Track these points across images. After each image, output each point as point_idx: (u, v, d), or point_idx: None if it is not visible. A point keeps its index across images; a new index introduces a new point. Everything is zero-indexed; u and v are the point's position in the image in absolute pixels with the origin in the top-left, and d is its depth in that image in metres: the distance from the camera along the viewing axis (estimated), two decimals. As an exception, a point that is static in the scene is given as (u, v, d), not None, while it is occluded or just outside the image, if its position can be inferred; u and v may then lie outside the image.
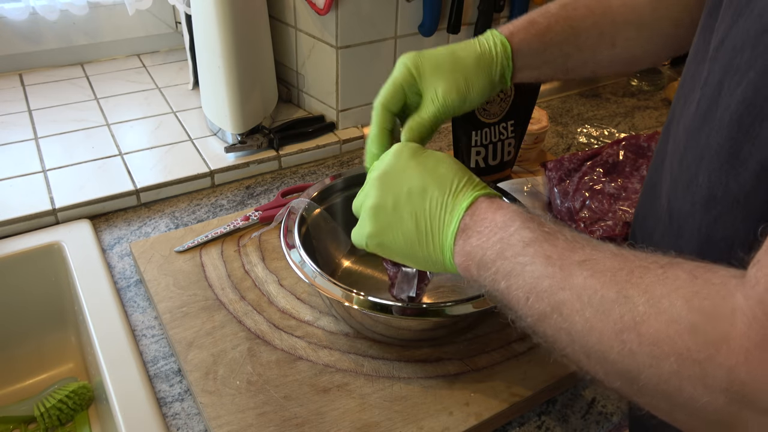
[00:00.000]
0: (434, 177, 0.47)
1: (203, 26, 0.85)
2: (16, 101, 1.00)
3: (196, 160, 0.88)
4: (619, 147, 0.84)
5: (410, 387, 0.58)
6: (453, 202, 0.45)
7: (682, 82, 0.45)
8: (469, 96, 0.54)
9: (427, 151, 0.50)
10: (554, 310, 0.37)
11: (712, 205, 0.38)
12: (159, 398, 0.58)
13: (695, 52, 0.44)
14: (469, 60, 0.54)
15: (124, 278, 0.71)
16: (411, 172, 0.48)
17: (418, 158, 0.48)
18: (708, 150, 0.37)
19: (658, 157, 0.48)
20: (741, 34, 0.35)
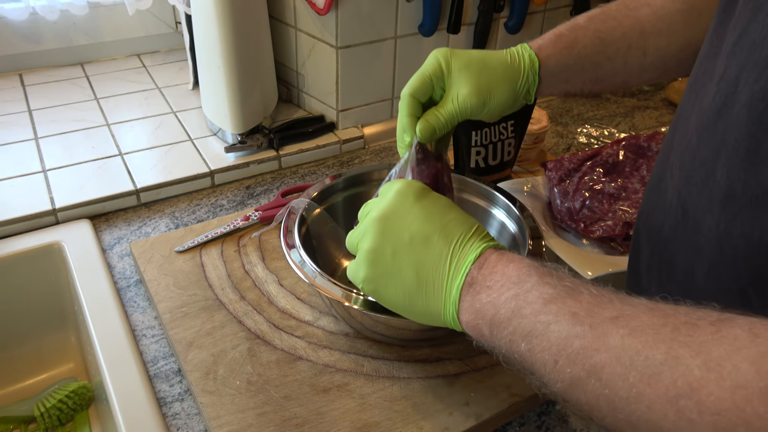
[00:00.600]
0: (440, 225, 0.44)
1: (203, 26, 0.85)
2: (16, 101, 1.00)
3: (196, 160, 0.88)
4: (619, 147, 0.84)
5: (410, 387, 0.58)
6: (460, 253, 0.43)
7: (693, 79, 0.45)
8: (489, 103, 0.55)
9: (432, 194, 0.47)
10: (591, 375, 0.33)
11: (731, 201, 0.37)
12: (159, 398, 0.58)
13: (708, 49, 0.43)
14: (497, 68, 0.55)
15: (124, 278, 0.71)
16: (414, 218, 0.45)
17: (423, 202, 0.46)
18: (725, 146, 0.37)
19: (664, 153, 0.48)
20: (760, 29, 0.34)
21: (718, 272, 0.39)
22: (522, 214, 0.66)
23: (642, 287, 0.50)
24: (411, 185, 0.47)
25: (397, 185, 0.47)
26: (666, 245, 0.45)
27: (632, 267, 0.53)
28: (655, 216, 0.48)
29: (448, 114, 0.55)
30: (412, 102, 0.55)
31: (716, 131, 0.38)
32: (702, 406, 0.28)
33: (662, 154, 0.48)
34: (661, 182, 0.47)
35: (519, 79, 0.56)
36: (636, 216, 0.75)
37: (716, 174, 0.38)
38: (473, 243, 0.43)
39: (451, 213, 0.46)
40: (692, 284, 0.42)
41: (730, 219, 0.37)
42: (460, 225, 0.44)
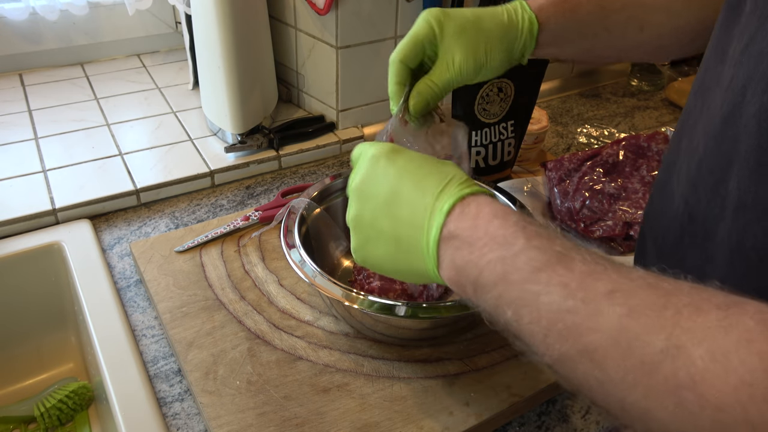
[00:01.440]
0: (413, 179, 0.42)
1: (203, 26, 0.85)
2: (16, 101, 1.00)
3: (196, 160, 0.88)
4: (619, 147, 0.84)
5: (410, 387, 0.58)
6: (434, 204, 0.40)
7: (699, 83, 0.44)
8: (486, 67, 0.52)
9: (406, 152, 0.44)
10: (582, 355, 0.31)
11: (742, 212, 0.36)
12: (159, 398, 0.58)
13: (713, 53, 0.43)
14: (494, 30, 0.52)
15: (124, 278, 0.71)
16: (386, 178, 0.43)
17: (396, 161, 0.43)
18: (737, 156, 0.36)
19: (671, 156, 0.47)
20: (766, 38, 0.34)
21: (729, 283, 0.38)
22: (522, 214, 0.66)
23: None
24: (381, 147, 0.45)
25: (368, 150, 0.45)
26: (673, 251, 0.45)
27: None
28: (661, 220, 0.47)
29: (443, 82, 0.52)
30: (402, 69, 0.52)
31: (725, 140, 0.37)
32: (703, 399, 0.26)
33: (668, 157, 0.48)
34: (666, 186, 0.46)
35: (516, 42, 0.53)
36: (638, 217, 0.75)
37: (728, 183, 0.37)
38: (449, 191, 0.40)
39: (427, 166, 0.42)
40: None
41: (740, 230, 0.36)
42: (434, 175, 0.41)
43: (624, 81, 1.29)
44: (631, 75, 1.27)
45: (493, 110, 0.80)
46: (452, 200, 0.39)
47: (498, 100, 0.80)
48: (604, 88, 1.26)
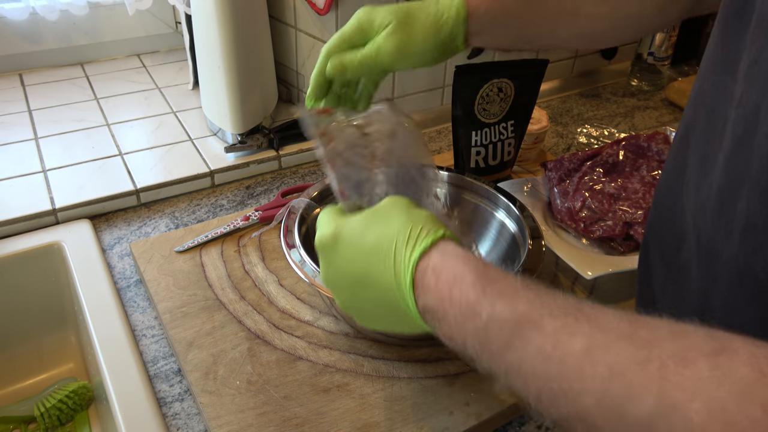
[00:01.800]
0: (366, 263, 0.42)
1: (203, 26, 0.85)
2: (16, 101, 1.00)
3: (196, 160, 0.88)
4: (619, 147, 0.84)
5: (410, 387, 0.58)
6: (398, 282, 0.40)
7: (700, 91, 0.43)
8: (413, 54, 0.53)
9: (346, 224, 0.43)
10: (577, 418, 0.30)
11: (751, 235, 0.35)
12: (159, 398, 0.58)
13: (714, 62, 0.41)
14: (419, 19, 0.53)
15: (124, 278, 0.71)
16: (344, 271, 0.43)
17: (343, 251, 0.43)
18: (747, 177, 0.35)
19: (677, 168, 0.46)
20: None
21: (736, 303, 0.38)
22: (522, 214, 0.66)
23: (655, 306, 0.49)
24: (325, 237, 0.44)
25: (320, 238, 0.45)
26: (681, 269, 0.44)
27: (643, 284, 0.52)
28: (670, 237, 0.46)
29: (363, 57, 0.52)
30: (326, 60, 0.54)
31: (737, 161, 0.36)
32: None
33: (674, 168, 0.46)
34: (675, 200, 0.45)
35: (443, 28, 0.53)
36: (638, 217, 0.75)
37: (737, 205, 0.36)
38: (403, 263, 0.39)
39: (370, 239, 0.41)
40: (708, 310, 0.40)
41: (749, 253, 0.35)
42: (383, 250, 0.41)
43: (624, 81, 1.29)
44: (631, 75, 1.27)
45: (493, 110, 0.80)
46: (410, 275, 0.39)
47: (498, 100, 0.80)
48: (604, 88, 1.26)
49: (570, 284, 0.72)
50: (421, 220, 0.41)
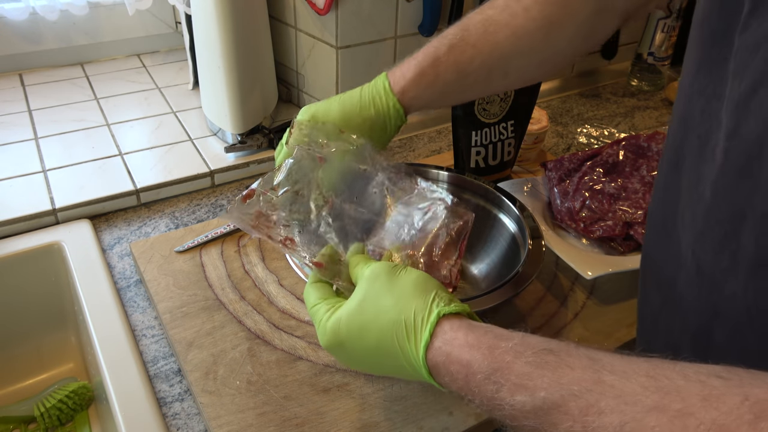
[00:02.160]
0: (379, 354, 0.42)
1: (203, 26, 0.85)
2: (16, 101, 1.00)
3: (196, 160, 0.88)
4: (619, 147, 0.84)
5: (410, 387, 0.58)
6: (412, 363, 0.40)
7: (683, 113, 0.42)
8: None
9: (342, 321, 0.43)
10: None
11: (762, 272, 0.34)
12: (159, 398, 0.58)
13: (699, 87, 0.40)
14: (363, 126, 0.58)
15: (124, 278, 0.71)
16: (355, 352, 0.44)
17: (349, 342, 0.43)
18: (752, 211, 0.34)
19: (671, 193, 0.45)
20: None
21: (743, 336, 0.37)
22: (522, 214, 0.66)
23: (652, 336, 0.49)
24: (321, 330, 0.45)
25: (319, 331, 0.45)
26: (679, 301, 0.43)
27: (642, 314, 0.52)
28: (667, 267, 0.45)
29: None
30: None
31: (738, 193, 0.35)
32: None
33: (667, 194, 0.46)
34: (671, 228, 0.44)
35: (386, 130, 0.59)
36: (638, 217, 0.75)
37: (740, 238, 0.35)
38: (414, 351, 0.40)
39: (368, 337, 0.42)
40: (710, 342, 0.39)
41: (760, 289, 0.34)
42: (389, 353, 0.41)
43: (624, 81, 1.29)
44: (631, 75, 1.27)
45: (493, 110, 0.80)
46: (424, 370, 0.39)
47: (498, 100, 0.80)
48: (604, 88, 1.26)
49: (570, 284, 0.72)
50: (410, 305, 0.41)
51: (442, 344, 0.39)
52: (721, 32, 0.37)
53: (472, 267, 0.72)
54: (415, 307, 0.41)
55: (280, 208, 0.52)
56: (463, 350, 0.37)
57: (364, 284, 0.44)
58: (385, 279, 0.43)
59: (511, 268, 0.61)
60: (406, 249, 0.52)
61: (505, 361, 0.35)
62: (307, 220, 0.52)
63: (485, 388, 0.36)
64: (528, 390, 0.33)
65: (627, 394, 0.29)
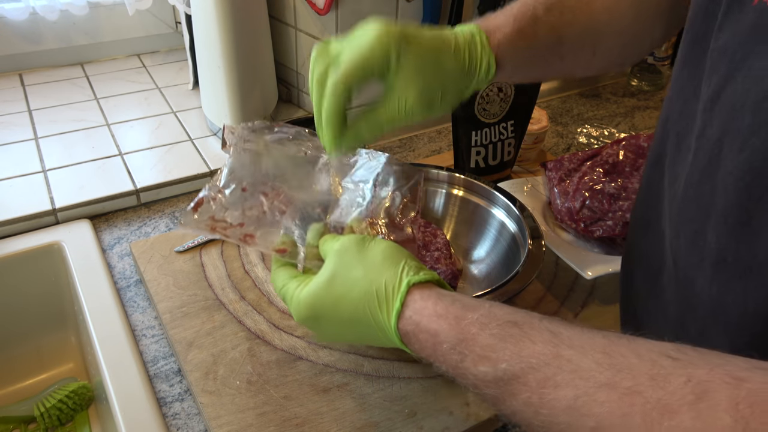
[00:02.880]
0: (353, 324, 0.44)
1: (203, 26, 0.85)
2: (16, 101, 1.00)
3: (196, 160, 0.88)
4: (619, 147, 0.83)
5: (410, 387, 0.58)
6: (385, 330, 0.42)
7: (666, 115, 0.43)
8: (435, 109, 0.49)
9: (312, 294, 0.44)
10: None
11: (722, 267, 0.35)
12: (159, 398, 0.58)
13: (680, 87, 0.41)
14: (452, 73, 0.48)
15: (124, 278, 0.71)
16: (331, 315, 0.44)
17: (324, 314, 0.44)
18: (714, 209, 0.35)
19: (652, 193, 0.46)
20: (740, 93, 0.33)
21: (710, 332, 0.38)
22: (522, 214, 0.66)
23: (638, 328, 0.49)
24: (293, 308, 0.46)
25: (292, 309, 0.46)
26: (660, 294, 0.44)
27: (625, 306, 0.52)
28: (651, 261, 0.46)
29: (389, 120, 0.47)
30: (345, 93, 0.47)
31: (703, 191, 0.36)
32: None
33: (648, 193, 0.46)
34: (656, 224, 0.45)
35: (471, 85, 0.50)
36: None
37: (706, 235, 0.36)
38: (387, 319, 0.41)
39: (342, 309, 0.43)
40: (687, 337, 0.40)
41: (722, 284, 0.36)
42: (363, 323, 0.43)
43: (624, 81, 1.29)
44: (631, 75, 1.27)
45: (493, 110, 0.80)
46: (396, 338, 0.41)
47: (498, 100, 0.80)
48: (604, 88, 1.26)
49: (570, 284, 0.72)
50: (380, 276, 0.42)
51: (412, 313, 0.40)
52: (702, 34, 0.38)
53: (472, 267, 0.72)
54: (385, 277, 0.42)
55: (232, 207, 0.52)
56: (431, 320, 0.39)
57: (333, 257, 0.44)
58: (354, 251, 0.44)
59: (511, 268, 0.61)
60: (365, 219, 0.52)
61: (470, 332, 0.37)
62: (260, 212, 0.52)
63: (451, 357, 0.37)
64: (490, 361, 0.35)
65: (582, 369, 0.31)
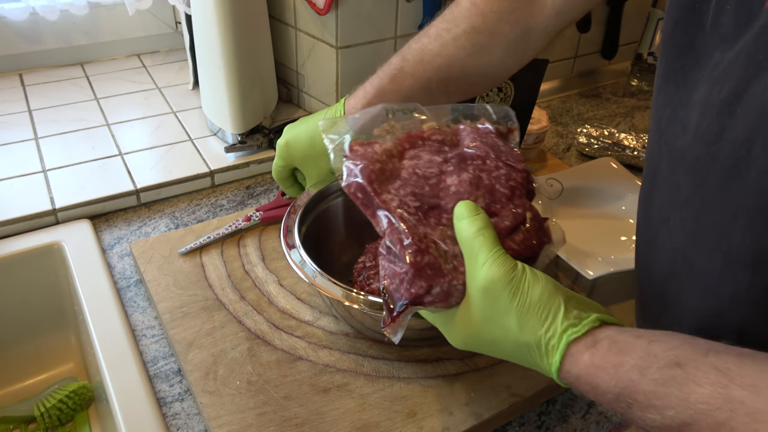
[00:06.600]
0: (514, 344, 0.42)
1: (203, 26, 0.85)
2: (16, 101, 1.00)
3: (196, 160, 0.88)
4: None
5: (410, 387, 0.58)
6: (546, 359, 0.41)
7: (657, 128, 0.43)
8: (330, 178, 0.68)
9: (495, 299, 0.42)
10: None
11: (763, 268, 0.35)
12: (159, 398, 0.58)
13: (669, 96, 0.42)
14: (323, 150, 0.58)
15: (124, 278, 0.71)
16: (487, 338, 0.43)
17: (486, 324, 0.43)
18: (743, 210, 0.35)
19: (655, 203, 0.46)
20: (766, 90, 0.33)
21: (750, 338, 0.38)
22: (522, 214, 0.66)
23: None
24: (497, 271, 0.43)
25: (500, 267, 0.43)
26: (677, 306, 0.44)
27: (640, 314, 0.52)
28: (657, 277, 0.46)
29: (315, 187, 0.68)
30: (283, 183, 0.72)
31: (730, 194, 0.36)
32: None
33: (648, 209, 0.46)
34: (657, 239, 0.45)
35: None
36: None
37: (734, 238, 0.36)
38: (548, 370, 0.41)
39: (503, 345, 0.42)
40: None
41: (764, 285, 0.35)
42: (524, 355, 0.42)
43: (624, 81, 1.29)
44: (631, 75, 1.27)
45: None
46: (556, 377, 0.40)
47: (498, 100, 0.80)
48: (604, 88, 1.26)
49: (570, 284, 0.72)
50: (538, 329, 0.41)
51: (571, 367, 0.39)
52: (686, 45, 0.39)
53: (472, 267, 0.72)
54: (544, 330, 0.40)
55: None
56: (590, 372, 0.38)
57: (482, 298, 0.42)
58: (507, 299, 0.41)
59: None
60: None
61: (630, 380, 0.35)
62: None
63: (616, 406, 0.36)
64: (657, 409, 0.34)
65: (758, 411, 0.30)
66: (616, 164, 0.89)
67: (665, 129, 0.42)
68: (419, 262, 0.44)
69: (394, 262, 0.45)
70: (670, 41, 0.41)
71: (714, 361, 0.32)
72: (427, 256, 0.44)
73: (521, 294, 0.41)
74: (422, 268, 0.44)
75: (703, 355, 0.33)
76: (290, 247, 0.60)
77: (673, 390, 0.33)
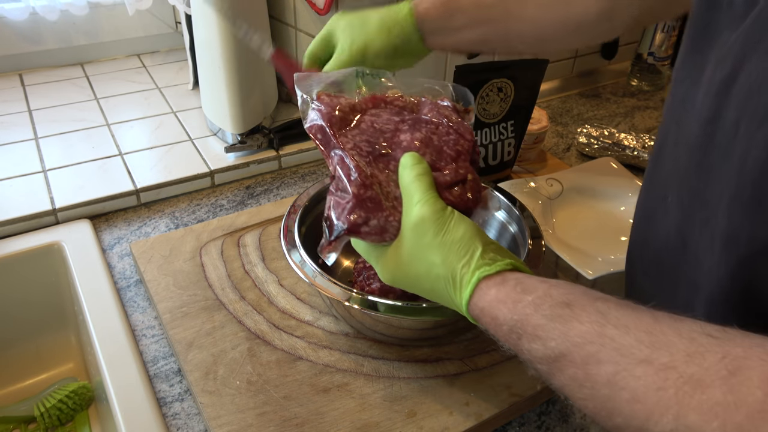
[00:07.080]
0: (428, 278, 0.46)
1: (203, 26, 0.85)
2: (16, 101, 1.00)
3: (196, 160, 0.88)
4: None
5: (410, 387, 0.58)
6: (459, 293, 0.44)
7: (671, 106, 0.44)
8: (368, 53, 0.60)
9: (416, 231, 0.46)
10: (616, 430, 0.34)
11: (733, 247, 0.36)
12: (159, 398, 0.58)
13: (682, 73, 0.42)
14: (373, 20, 0.60)
15: (124, 278, 0.71)
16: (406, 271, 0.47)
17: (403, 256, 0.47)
18: (728, 190, 0.36)
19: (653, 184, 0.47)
20: (758, 73, 0.33)
21: (717, 313, 0.38)
22: (522, 214, 0.66)
23: None
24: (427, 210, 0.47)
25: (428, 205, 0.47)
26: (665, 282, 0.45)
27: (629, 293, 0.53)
28: (650, 245, 0.47)
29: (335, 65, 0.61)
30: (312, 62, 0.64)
31: (720, 174, 0.37)
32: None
33: (649, 184, 0.48)
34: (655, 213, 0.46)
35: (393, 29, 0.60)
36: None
37: (718, 216, 0.37)
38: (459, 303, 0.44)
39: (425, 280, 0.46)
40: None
41: (735, 264, 0.36)
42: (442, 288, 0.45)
43: (624, 81, 1.29)
44: (631, 75, 1.27)
45: (493, 110, 0.80)
46: (465, 310, 0.44)
47: (498, 100, 0.80)
48: (604, 88, 1.26)
49: (570, 284, 0.72)
50: (456, 264, 0.44)
51: (478, 300, 0.43)
52: (704, 25, 0.40)
53: (472, 267, 0.72)
54: (461, 265, 0.44)
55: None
56: (493, 305, 0.42)
57: (412, 236, 0.46)
58: (432, 233, 0.45)
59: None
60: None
61: (525, 313, 0.39)
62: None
63: (509, 337, 0.41)
64: (541, 340, 0.38)
65: (624, 346, 0.33)
66: (616, 164, 0.89)
67: (677, 106, 0.43)
68: (362, 194, 0.48)
69: (341, 195, 0.49)
70: (693, 20, 0.42)
71: (599, 306, 0.36)
72: (370, 191, 0.48)
73: (446, 231, 0.45)
74: (364, 200, 0.48)
75: (592, 301, 0.37)
76: (290, 247, 0.60)
77: (557, 325, 0.37)
